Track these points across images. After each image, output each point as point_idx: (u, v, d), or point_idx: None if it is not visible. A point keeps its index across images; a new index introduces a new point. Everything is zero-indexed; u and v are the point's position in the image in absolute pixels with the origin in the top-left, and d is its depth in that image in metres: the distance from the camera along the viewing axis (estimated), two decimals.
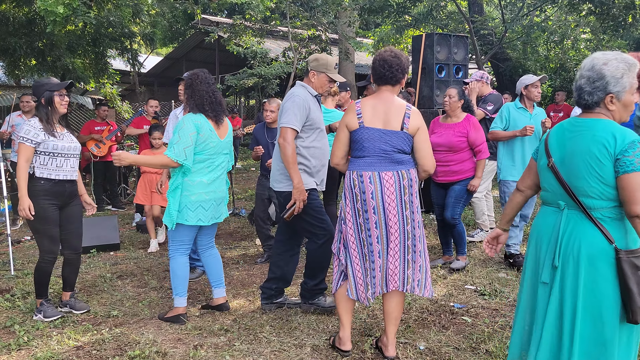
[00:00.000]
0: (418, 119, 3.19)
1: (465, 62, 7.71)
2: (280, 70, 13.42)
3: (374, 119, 3.17)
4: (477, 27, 12.70)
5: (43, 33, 10.92)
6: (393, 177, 3.14)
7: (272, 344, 3.50)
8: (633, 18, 11.80)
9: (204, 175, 3.81)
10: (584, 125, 2.33)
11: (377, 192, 3.13)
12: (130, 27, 13.83)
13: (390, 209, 3.13)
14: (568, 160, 2.33)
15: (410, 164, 3.21)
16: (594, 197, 2.27)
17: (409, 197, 3.16)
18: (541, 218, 2.48)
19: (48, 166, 3.85)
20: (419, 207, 3.25)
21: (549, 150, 2.43)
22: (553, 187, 2.41)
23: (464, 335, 3.64)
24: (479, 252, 5.72)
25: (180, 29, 23.96)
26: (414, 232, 3.19)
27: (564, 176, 2.34)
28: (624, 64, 2.27)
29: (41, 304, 3.98)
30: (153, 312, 4.12)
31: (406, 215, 3.16)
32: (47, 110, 3.92)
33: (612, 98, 2.28)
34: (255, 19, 12.36)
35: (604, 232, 2.24)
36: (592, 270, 2.25)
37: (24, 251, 5.94)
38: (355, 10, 13.38)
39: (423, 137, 3.19)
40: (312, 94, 3.84)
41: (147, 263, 5.47)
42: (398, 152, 3.16)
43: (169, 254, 3.93)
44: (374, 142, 3.16)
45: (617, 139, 2.20)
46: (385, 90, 3.24)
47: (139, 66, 17.87)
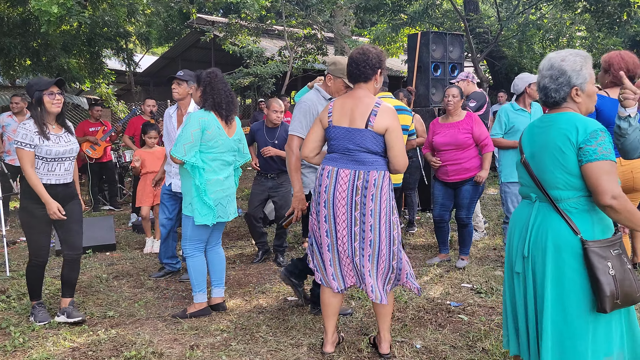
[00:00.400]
0: (387, 117, 3.12)
1: (461, 60, 7.72)
2: (276, 70, 13.39)
3: (341, 118, 3.18)
4: (473, 26, 12.70)
5: (38, 33, 10.87)
6: (349, 175, 3.13)
7: (269, 344, 3.49)
8: (628, 15, 11.83)
9: (218, 173, 3.88)
10: (550, 120, 2.42)
11: (331, 187, 3.16)
12: (126, 27, 13.78)
13: (339, 207, 3.15)
14: (537, 155, 2.42)
15: (374, 166, 3.13)
16: (560, 188, 2.33)
17: (361, 198, 3.11)
18: (517, 210, 2.59)
19: (40, 170, 3.76)
20: (388, 211, 3.16)
21: (522, 147, 2.54)
22: (526, 181, 2.50)
23: (460, 333, 3.64)
24: (476, 250, 5.73)
25: (176, 29, 23.88)
26: (362, 235, 3.14)
27: (534, 170, 2.43)
28: (579, 57, 2.37)
29: (34, 307, 3.95)
30: (149, 312, 4.11)
31: (355, 215, 3.13)
32: (38, 111, 3.78)
33: (577, 90, 2.36)
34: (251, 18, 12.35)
35: (569, 224, 2.30)
36: (559, 261, 2.31)
37: (19, 252, 5.92)
38: (350, 9, 13.38)
39: (393, 135, 3.12)
40: (325, 97, 3.83)
41: (143, 263, 5.46)
42: (363, 151, 3.13)
43: (188, 252, 3.96)
44: (339, 140, 3.18)
45: (579, 129, 2.28)
46: (357, 88, 3.23)
47: (134, 66, 17.79)
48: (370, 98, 3.17)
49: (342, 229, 3.16)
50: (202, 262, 4.00)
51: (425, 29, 12.76)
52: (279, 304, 4.23)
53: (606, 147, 2.25)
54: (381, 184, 3.13)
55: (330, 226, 3.20)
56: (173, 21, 22.59)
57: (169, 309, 4.17)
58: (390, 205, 3.18)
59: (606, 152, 2.24)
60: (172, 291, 4.61)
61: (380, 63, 3.19)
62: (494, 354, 3.29)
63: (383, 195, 3.14)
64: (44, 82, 3.81)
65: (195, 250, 3.97)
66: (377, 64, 3.18)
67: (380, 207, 3.13)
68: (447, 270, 5.00)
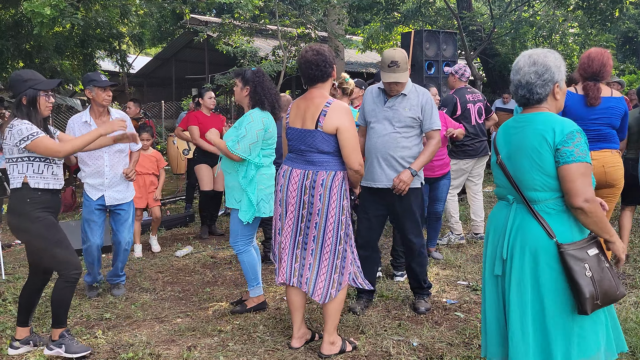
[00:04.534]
0: (337, 116, 3.11)
1: (455, 58, 7.75)
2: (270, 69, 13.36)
3: (295, 119, 3.25)
4: (466, 23, 12.73)
5: (30, 35, 10.84)
6: (299, 175, 3.20)
7: (266, 344, 3.50)
8: (620, 12, 11.89)
9: (270, 168, 4.00)
10: (526, 120, 2.40)
11: (284, 186, 3.25)
12: (119, 28, 13.75)
13: (289, 205, 3.24)
14: (513, 156, 2.40)
15: (324, 166, 3.16)
16: (537, 190, 2.32)
17: (309, 197, 3.17)
18: (495, 212, 2.57)
19: (44, 174, 3.32)
20: (338, 211, 3.17)
21: (497, 148, 2.51)
22: (503, 183, 2.49)
23: (456, 330, 3.66)
24: (471, 247, 5.75)
25: (169, 29, 23.81)
26: (307, 231, 3.21)
27: (510, 171, 2.41)
28: (556, 54, 2.40)
29: (61, 336, 3.35)
30: (146, 314, 4.11)
31: (302, 213, 3.21)
32: (30, 112, 3.28)
33: (557, 87, 2.37)
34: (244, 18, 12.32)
35: (545, 227, 2.29)
36: (537, 264, 2.31)
37: (15, 255, 5.90)
38: (344, 8, 13.38)
39: (344, 135, 3.12)
40: (379, 86, 3.86)
41: (138, 265, 5.45)
42: (315, 151, 3.16)
43: (240, 248, 4.00)
44: (293, 141, 3.26)
45: (555, 130, 2.27)
46: (313, 89, 3.23)
47: (128, 67, 17.75)
48: (321, 98, 3.19)
49: (287, 226, 3.26)
50: (254, 256, 4.06)
51: (419, 27, 12.79)
52: (276, 304, 4.24)
53: (582, 148, 2.24)
54: (330, 184, 3.16)
55: (282, 224, 3.30)
56: (166, 22, 22.53)
57: (165, 311, 4.17)
58: (340, 205, 3.19)
59: (582, 153, 2.24)
60: (169, 293, 4.61)
61: (334, 59, 3.25)
62: None
63: (333, 195, 3.17)
64: (40, 79, 3.37)
65: (246, 245, 4.03)
66: (332, 60, 3.22)
67: (329, 207, 3.17)
68: (442, 268, 5.02)
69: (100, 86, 4.23)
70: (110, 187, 4.35)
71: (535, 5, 13.58)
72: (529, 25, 12.86)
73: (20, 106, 3.30)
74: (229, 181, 3.98)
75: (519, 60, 2.42)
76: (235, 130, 3.86)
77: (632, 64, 15.19)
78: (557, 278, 2.28)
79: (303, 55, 3.21)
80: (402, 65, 3.65)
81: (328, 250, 3.20)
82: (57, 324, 3.38)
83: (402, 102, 3.76)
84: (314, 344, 3.47)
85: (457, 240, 5.88)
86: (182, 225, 7.24)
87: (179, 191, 9.44)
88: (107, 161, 4.32)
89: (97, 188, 4.31)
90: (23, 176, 3.28)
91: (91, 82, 4.24)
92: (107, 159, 4.32)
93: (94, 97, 4.26)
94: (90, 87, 4.24)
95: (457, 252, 5.54)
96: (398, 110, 3.74)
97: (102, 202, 4.34)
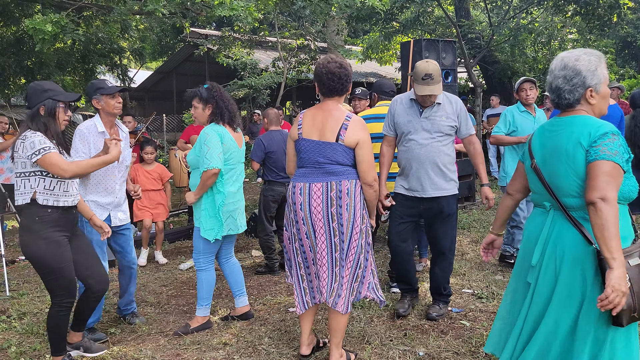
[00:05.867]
0: (358, 131, 3.12)
1: (454, 66, 7.76)
2: (270, 81, 13.44)
3: (311, 131, 3.18)
4: (465, 32, 12.77)
5: (32, 51, 10.91)
6: (321, 188, 3.13)
7: (272, 356, 3.49)
8: (618, 17, 11.91)
9: (231, 184, 3.90)
10: (562, 123, 2.33)
11: (306, 203, 3.16)
12: (119, 43, 13.83)
13: (317, 221, 3.14)
14: (549, 160, 2.33)
15: (345, 175, 3.14)
16: (574, 196, 2.25)
17: (336, 209, 3.11)
18: (531, 219, 2.48)
19: (55, 191, 3.17)
20: (360, 220, 3.17)
21: (532, 152, 2.43)
22: (538, 188, 2.41)
23: (463, 339, 3.64)
24: (475, 255, 5.73)
25: (170, 43, 23.97)
26: (342, 245, 3.15)
27: (545, 177, 2.33)
28: (594, 57, 2.30)
29: None
30: (151, 328, 4.10)
31: (333, 227, 3.13)
32: (48, 123, 3.17)
33: (592, 91, 2.28)
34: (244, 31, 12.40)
35: (584, 234, 2.21)
36: (573, 272, 2.23)
37: (19, 271, 5.90)
38: (343, 19, 13.45)
39: (364, 150, 3.13)
40: (410, 97, 3.91)
41: (142, 279, 5.44)
42: (333, 163, 3.13)
43: (201, 266, 3.94)
44: (309, 153, 3.18)
45: (591, 133, 2.20)
46: (328, 100, 3.22)
47: (129, 81, 17.85)
48: (340, 111, 3.17)
49: (321, 243, 3.16)
50: (213, 276, 4.01)
51: (418, 37, 12.84)
52: (281, 316, 4.22)
53: (612, 148, 2.14)
54: (354, 192, 3.15)
55: (312, 241, 3.20)
56: (166, 35, 22.68)
57: (170, 324, 4.16)
58: (362, 214, 3.20)
59: (611, 153, 2.14)
60: (173, 306, 4.60)
61: (352, 74, 3.27)
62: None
63: (357, 204, 3.15)
64: (60, 90, 3.27)
65: (208, 263, 3.96)
66: (351, 75, 3.24)
67: (355, 215, 3.15)
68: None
69: (109, 93, 3.80)
70: (118, 206, 3.95)
71: (534, 12, 13.62)
72: (528, 32, 12.90)
73: (36, 117, 3.16)
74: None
75: (553, 61, 2.35)
76: (197, 152, 3.80)
77: (631, 69, 15.21)
78: (593, 286, 2.20)
79: (325, 65, 3.16)
80: (436, 77, 3.70)
81: (352, 259, 3.18)
82: (57, 352, 3.33)
83: (438, 111, 3.83)
84: (320, 354, 3.45)
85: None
86: (186, 238, 7.23)
87: (182, 204, 9.43)
88: (118, 178, 3.93)
89: (105, 207, 3.85)
90: (33, 191, 3.13)
91: (98, 90, 3.79)
92: (118, 176, 3.93)
93: (104, 106, 3.81)
94: (98, 97, 3.80)
95: (461, 260, 5.53)
96: (435, 120, 3.81)
97: (108, 222, 3.85)
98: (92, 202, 3.81)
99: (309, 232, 3.19)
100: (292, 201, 3.22)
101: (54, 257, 3.14)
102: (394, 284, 4.67)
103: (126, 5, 8.57)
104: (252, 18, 8.79)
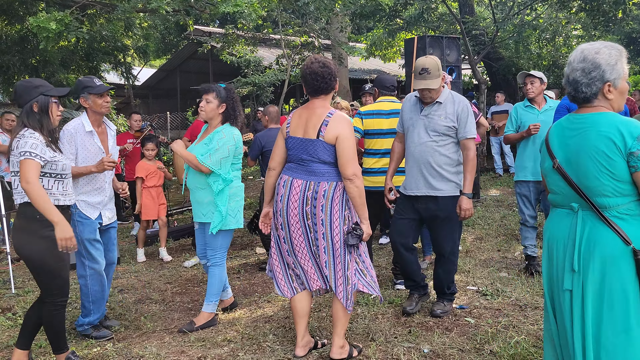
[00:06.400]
0: (338, 126, 3.13)
1: (458, 63, 7.75)
2: (274, 78, 13.46)
3: (297, 128, 3.25)
4: (469, 28, 12.73)
5: (36, 50, 10.92)
6: (301, 185, 3.19)
7: (276, 353, 3.49)
8: (623, 13, 11.85)
9: (240, 181, 4.10)
10: (585, 121, 2.23)
11: (285, 196, 3.24)
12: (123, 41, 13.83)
13: (292, 215, 3.22)
14: (574, 160, 2.23)
15: (325, 177, 3.17)
16: (608, 195, 2.17)
17: (311, 208, 3.17)
18: (554, 221, 2.37)
19: (53, 191, 3.17)
20: (341, 221, 3.18)
21: (552, 151, 2.33)
22: (561, 189, 2.30)
23: (467, 336, 3.64)
24: (480, 252, 5.72)
25: (173, 41, 24.00)
26: (316, 242, 3.20)
27: (572, 177, 2.24)
28: (615, 50, 2.23)
29: (67, 359, 3.33)
30: (155, 325, 4.11)
31: (308, 224, 3.20)
32: (43, 119, 3.13)
33: (610, 86, 2.21)
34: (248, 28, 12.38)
35: (619, 233, 2.13)
36: (612, 274, 2.15)
37: (24, 269, 5.91)
38: (346, 16, 13.44)
39: (342, 144, 3.13)
40: (416, 94, 3.90)
41: (147, 276, 5.46)
42: (317, 161, 3.17)
43: (218, 261, 4.01)
44: (294, 150, 3.25)
45: (623, 133, 2.12)
46: (315, 99, 3.26)
47: (133, 79, 17.86)
48: (323, 108, 3.22)
49: (297, 236, 3.25)
50: (226, 272, 4.14)
51: (422, 33, 12.81)
52: (285, 313, 4.23)
53: None
54: (332, 195, 3.17)
55: (286, 233, 3.29)
56: (170, 33, 22.71)
57: (175, 322, 4.17)
58: (342, 216, 3.20)
59: None
60: (178, 303, 4.61)
61: (337, 72, 3.30)
62: (502, 356, 3.28)
63: (334, 206, 3.18)
64: (50, 86, 3.23)
65: (224, 258, 4.06)
66: (336, 73, 3.27)
67: (332, 217, 3.17)
68: None
69: (97, 93, 3.77)
70: (106, 205, 3.93)
71: (538, 9, 13.57)
72: (532, 29, 12.84)
73: (31, 114, 3.12)
74: (199, 197, 3.99)
75: (573, 53, 2.27)
76: (206, 146, 3.88)
77: (636, 65, 15.13)
78: (634, 288, 2.13)
79: (309, 66, 3.21)
80: (432, 72, 3.68)
81: (339, 261, 3.21)
82: (58, 350, 3.29)
83: (437, 110, 3.78)
84: (323, 351, 3.45)
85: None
86: (190, 236, 7.24)
87: (186, 201, 9.45)
88: (107, 177, 3.94)
89: (95, 207, 3.82)
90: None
91: (85, 89, 3.75)
92: (107, 175, 3.94)
93: (91, 105, 3.79)
94: (86, 95, 3.77)
95: (466, 257, 5.52)
96: (433, 118, 3.76)
97: (100, 220, 3.88)
98: (83, 201, 3.77)
99: (284, 224, 3.27)
100: (276, 192, 3.33)
101: (54, 257, 3.10)
102: (398, 280, 4.66)
103: (130, 3, 8.57)
104: (256, 15, 8.78)
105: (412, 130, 3.83)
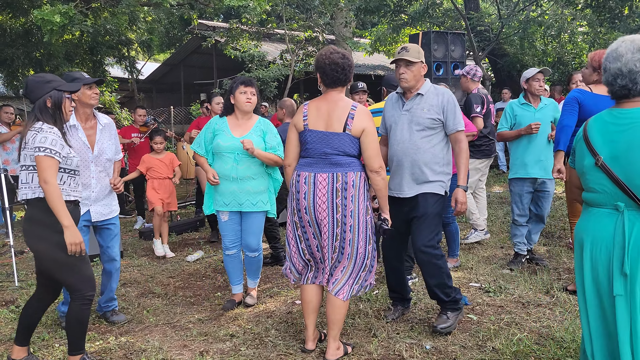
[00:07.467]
0: (364, 119, 3.13)
1: (463, 59, 7.74)
2: (278, 73, 13.41)
3: (317, 121, 3.19)
4: (474, 24, 12.69)
5: (40, 43, 10.95)
6: (327, 179, 3.15)
7: (278, 348, 3.49)
8: (629, 9, 11.78)
9: None
10: (633, 116, 2.12)
11: (310, 193, 3.18)
12: (127, 35, 13.85)
13: (321, 211, 3.18)
14: (623, 157, 2.12)
15: (351, 167, 3.16)
16: None
17: (341, 200, 3.14)
18: (592, 222, 2.25)
19: (64, 186, 3.12)
20: (364, 211, 3.19)
21: (594, 148, 2.20)
22: (604, 187, 2.19)
23: (470, 333, 3.63)
24: (483, 249, 5.71)
25: (177, 35, 23.96)
26: (343, 235, 3.18)
27: (619, 175, 2.12)
28: None
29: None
30: (158, 319, 4.11)
31: (337, 218, 3.16)
32: (56, 115, 3.09)
33: None
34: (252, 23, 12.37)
35: None
36: None
37: (27, 262, 5.94)
38: (351, 11, 13.39)
39: (369, 138, 3.13)
40: (398, 91, 3.74)
41: (150, 270, 5.47)
42: (340, 154, 3.14)
43: (260, 248, 4.25)
44: (315, 144, 3.18)
45: None
46: (331, 91, 3.22)
47: (137, 73, 17.88)
48: (345, 101, 3.19)
49: (325, 232, 3.20)
50: None
51: (426, 29, 12.75)
52: (288, 308, 4.23)
53: None
54: (359, 184, 3.17)
55: (315, 229, 3.25)
56: (174, 27, 22.67)
57: (177, 316, 4.18)
58: (365, 206, 3.21)
59: None
60: (180, 297, 4.62)
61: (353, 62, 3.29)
62: (504, 353, 3.28)
63: (360, 195, 3.18)
64: (64, 82, 3.20)
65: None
66: (353, 65, 3.25)
67: (359, 207, 3.17)
68: (454, 270, 4.99)
69: (86, 83, 3.66)
70: (97, 201, 3.82)
71: (544, 5, 13.51)
72: (538, 25, 12.80)
73: (44, 109, 3.06)
74: (252, 187, 4.05)
75: (619, 46, 2.15)
76: (261, 138, 4.08)
77: None
78: None
79: (328, 56, 3.16)
80: (411, 51, 3.55)
81: (362, 251, 3.22)
82: (76, 350, 3.18)
83: (420, 103, 3.56)
84: (322, 346, 3.46)
85: (483, 236, 5.85)
86: (193, 230, 7.25)
87: (189, 196, 9.46)
88: (93, 172, 3.80)
89: (83, 203, 3.66)
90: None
91: (74, 80, 3.60)
92: (93, 170, 3.80)
93: (80, 97, 3.72)
94: None
95: (468, 253, 5.51)
96: (416, 112, 3.54)
97: (88, 217, 3.78)
98: None
99: (312, 221, 3.23)
100: (296, 189, 3.24)
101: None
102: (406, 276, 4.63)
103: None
104: (260, 10, 8.78)
105: (395, 127, 3.62)
